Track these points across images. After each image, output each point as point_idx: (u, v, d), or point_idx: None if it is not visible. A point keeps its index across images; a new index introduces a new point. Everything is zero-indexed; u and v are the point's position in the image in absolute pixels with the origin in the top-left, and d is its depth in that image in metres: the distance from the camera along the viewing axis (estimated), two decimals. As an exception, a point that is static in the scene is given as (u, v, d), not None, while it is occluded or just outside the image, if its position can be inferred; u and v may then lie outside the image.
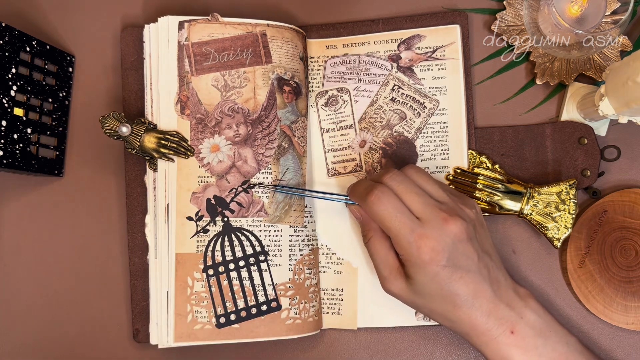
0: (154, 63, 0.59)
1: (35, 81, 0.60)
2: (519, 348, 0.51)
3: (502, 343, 0.51)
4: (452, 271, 0.51)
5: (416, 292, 0.53)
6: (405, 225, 0.51)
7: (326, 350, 0.63)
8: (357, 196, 0.56)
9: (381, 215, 0.52)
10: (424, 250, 0.50)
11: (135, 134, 0.57)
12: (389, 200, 0.52)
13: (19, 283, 0.63)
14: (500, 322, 0.52)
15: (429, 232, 0.51)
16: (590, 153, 0.62)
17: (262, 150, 0.59)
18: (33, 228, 0.64)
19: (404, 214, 0.52)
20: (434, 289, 0.51)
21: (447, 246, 0.51)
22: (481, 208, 0.60)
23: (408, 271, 0.52)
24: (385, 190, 0.53)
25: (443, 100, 0.62)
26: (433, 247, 0.50)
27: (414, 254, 0.51)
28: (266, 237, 0.58)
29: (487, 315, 0.51)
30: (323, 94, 0.63)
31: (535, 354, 0.52)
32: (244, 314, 0.57)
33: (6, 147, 0.56)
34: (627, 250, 0.61)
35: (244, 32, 0.60)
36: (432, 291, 0.52)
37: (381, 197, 0.52)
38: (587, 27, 0.59)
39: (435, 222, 0.51)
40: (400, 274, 0.54)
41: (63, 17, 0.66)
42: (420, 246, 0.50)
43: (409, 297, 0.54)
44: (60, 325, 0.63)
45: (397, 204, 0.52)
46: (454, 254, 0.51)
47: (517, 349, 0.51)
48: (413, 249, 0.51)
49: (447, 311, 0.52)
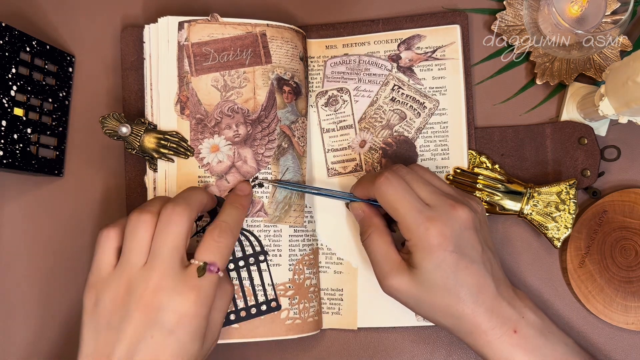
0: (153, 63, 0.59)
1: (35, 81, 0.60)
2: (522, 348, 0.51)
3: (506, 343, 0.51)
4: (458, 258, 0.50)
5: (420, 284, 0.51)
6: (413, 206, 0.51)
7: (326, 350, 0.63)
8: (365, 182, 0.56)
9: (390, 196, 0.52)
10: (432, 232, 0.50)
11: (135, 134, 0.57)
12: (398, 183, 0.52)
13: (19, 283, 0.63)
14: (503, 321, 0.51)
15: (437, 216, 0.51)
16: (590, 153, 0.62)
17: (262, 151, 0.59)
18: (33, 228, 0.64)
19: (412, 196, 0.52)
20: (439, 277, 0.50)
21: (455, 231, 0.50)
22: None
23: (414, 258, 0.51)
24: (395, 174, 0.53)
25: (443, 100, 0.62)
26: (441, 231, 0.50)
27: (422, 237, 0.50)
28: (266, 237, 0.58)
29: (490, 312, 0.51)
30: (323, 94, 0.63)
31: (539, 354, 0.51)
32: (243, 314, 0.57)
33: (6, 147, 0.56)
34: (627, 250, 0.61)
35: (244, 33, 0.60)
36: (437, 280, 0.50)
37: (391, 179, 0.52)
38: (587, 27, 0.59)
39: (442, 208, 0.51)
40: (402, 268, 0.52)
41: (63, 17, 0.66)
42: (428, 228, 0.50)
43: (411, 292, 0.52)
44: (60, 325, 0.63)
45: (407, 186, 0.52)
46: (461, 241, 0.51)
47: (520, 350, 0.51)
48: (421, 230, 0.50)
49: (450, 306, 0.51)
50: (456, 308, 0.51)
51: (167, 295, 0.47)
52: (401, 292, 0.53)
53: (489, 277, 0.51)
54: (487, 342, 0.51)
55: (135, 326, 0.47)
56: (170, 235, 0.49)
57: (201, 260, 0.49)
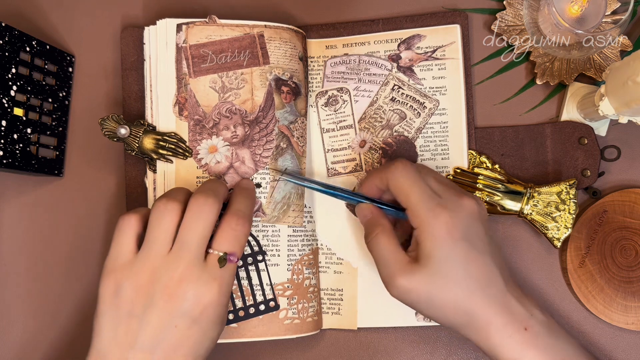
0: (153, 65, 0.59)
1: (35, 81, 0.60)
2: (534, 347, 0.50)
3: (517, 341, 0.50)
4: (467, 248, 0.50)
5: (430, 279, 0.50)
6: (425, 192, 0.51)
7: (326, 350, 0.63)
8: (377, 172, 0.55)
9: (405, 181, 0.52)
10: (441, 219, 0.50)
11: (134, 136, 0.58)
12: (413, 169, 0.53)
13: (19, 283, 0.63)
14: (514, 317, 0.50)
15: (446, 204, 0.51)
16: (590, 153, 0.61)
17: (260, 151, 0.59)
18: (33, 228, 0.64)
19: (425, 184, 0.52)
20: (450, 268, 0.50)
21: (462, 220, 0.51)
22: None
23: (422, 249, 0.50)
24: (407, 162, 0.53)
25: (443, 100, 0.62)
26: (450, 217, 0.50)
27: (432, 223, 0.50)
28: (264, 237, 0.59)
29: (501, 308, 0.50)
30: (323, 94, 0.63)
31: (550, 353, 0.50)
32: (242, 314, 0.57)
33: (6, 147, 0.56)
34: (627, 250, 0.61)
35: (242, 34, 0.60)
36: (447, 272, 0.50)
37: (406, 165, 0.53)
38: (587, 27, 0.59)
39: (450, 197, 0.52)
40: (411, 266, 0.51)
41: (63, 17, 0.66)
42: (438, 214, 0.50)
43: (421, 290, 0.51)
44: (60, 326, 0.63)
45: (420, 175, 0.53)
46: (469, 230, 0.51)
47: (532, 348, 0.50)
48: (431, 216, 0.50)
49: (460, 300, 0.50)
50: (467, 302, 0.50)
51: (192, 285, 0.48)
52: (411, 291, 0.51)
53: (497, 271, 0.51)
54: (499, 340, 0.50)
55: (160, 315, 0.48)
56: (200, 225, 0.49)
57: (221, 250, 0.50)
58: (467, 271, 0.50)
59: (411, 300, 0.52)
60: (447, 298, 0.50)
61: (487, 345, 0.51)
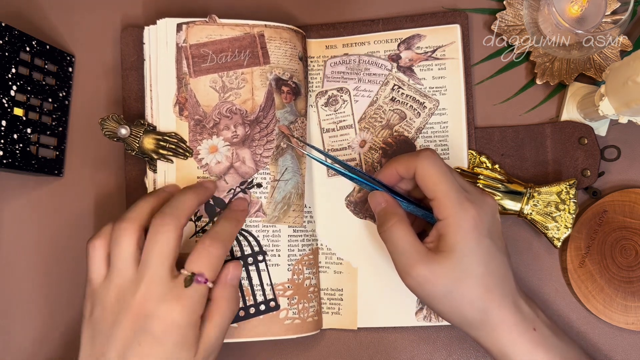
0: (153, 65, 0.59)
1: (35, 81, 0.60)
2: (543, 347, 0.50)
3: (528, 341, 0.50)
4: (490, 245, 0.50)
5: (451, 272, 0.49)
6: (454, 185, 0.51)
7: (326, 350, 0.63)
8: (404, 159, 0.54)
9: (434, 171, 0.51)
10: (470, 213, 0.50)
11: (134, 136, 0.57)
12: (441, 160, 0.53)
13: (19, 283, 0.63)
14: (524, 317, 0.50)
15: (474, 199, 0.51)
16: (590, 153, 0.61)
17: (260, 151, 0.59)
18: (33, 228, 0.64)
19: (454, 176, 0.52)
20: (473, 263, 0.49)
21: (487, 217, 0.51)
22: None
23: (446, 240, 0.50)
24: (436, 153, 0.53)
25: (443, 100, 0.62)
26: (478, 213, 0.50)
27: (460, 216, 0.50)
28: (264, 237, 0.59)
29: (515, 307, 0.50)
30: (323, 93, 0.63)
31: (557, 354, 0.50)
32: (242, 314, 0.57)
33: (6, 147, 0.56)
34: (627, 250, 0.61)
35: (242, 34, 0.60)
36: (470, 267, 0.49)
37: (435, 154, 0.53)
38: (587, 27, 0.59)
39: (476, 193, 0.52)
40: (431, 256, 0.50)
41: (63, 17, 0.66)
42: (467, 208, 0.50)
43: (441, 282, 0.50)
44: (61, 325, 0.63)
45: (448, 166, 0.53)
46: (492, 227, 0.51)
47: (541, 348, 0.50)
48: (460, 209, 0.50)
49: (478, 297, 0.50)
50: (484, 299, 0.50)
51: (154, 304, 0.48)
52: (430, 281, 0.50)
53: (510, 271, 0.52)
54: (510, 339, 0.50)
55: (124, 333, 0.48)
56: (157, 244, 0.49)
57: (190, 270, 0.50)
58: (488, 268, 0.50)
59: (427, 291, 0.51)
60: (465, 292, 0.50)
61: (497, 344, 0.51)
